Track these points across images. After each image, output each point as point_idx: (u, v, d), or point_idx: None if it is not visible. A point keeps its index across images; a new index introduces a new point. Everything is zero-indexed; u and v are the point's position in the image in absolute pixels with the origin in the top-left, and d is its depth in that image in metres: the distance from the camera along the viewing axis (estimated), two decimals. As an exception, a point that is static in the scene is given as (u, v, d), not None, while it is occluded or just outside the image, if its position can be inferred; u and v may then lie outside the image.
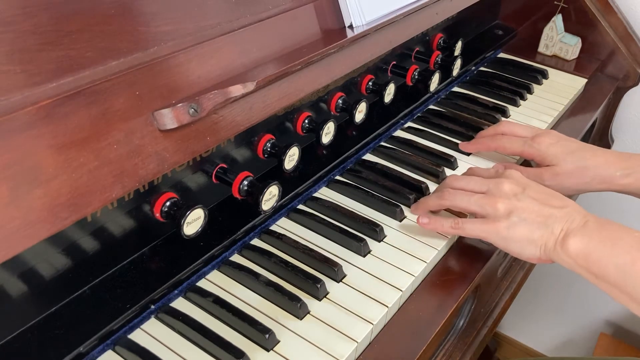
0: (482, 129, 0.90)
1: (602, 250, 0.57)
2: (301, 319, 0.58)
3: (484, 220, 0.64)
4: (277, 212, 0.70)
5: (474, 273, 0.67)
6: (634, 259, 0.55)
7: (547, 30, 1.19)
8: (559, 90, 1.07)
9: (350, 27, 0.70)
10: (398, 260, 0.66)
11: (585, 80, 1.11)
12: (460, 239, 0.72)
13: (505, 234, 0.62)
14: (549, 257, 0.62)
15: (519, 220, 0.62)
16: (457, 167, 0.83)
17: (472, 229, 0.65)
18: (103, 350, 0.54)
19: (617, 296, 0.57)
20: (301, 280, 0.61)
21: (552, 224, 0.61)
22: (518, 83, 1.07)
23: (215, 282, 0.62)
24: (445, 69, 0.96)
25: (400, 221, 0.72)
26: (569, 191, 0.76)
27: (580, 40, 1.18)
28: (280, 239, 0.67)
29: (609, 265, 0.56)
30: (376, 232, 0.68)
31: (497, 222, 0.63)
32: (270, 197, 0.63)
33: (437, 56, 0.96)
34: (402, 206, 0.73)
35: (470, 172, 0.73)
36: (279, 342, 0.56)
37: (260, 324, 0.56)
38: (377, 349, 0.58)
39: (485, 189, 0.66)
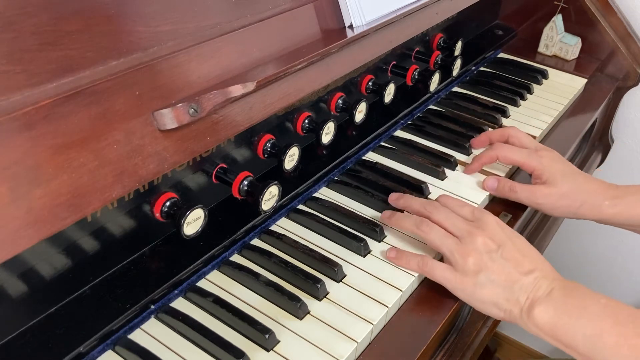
0: (482, 129, 0.90)
1: (569, 320, 0.56)
2: (301, 319, 0.58)
3: (452, 270, 0.62)
4: (277, 212, 0.70)
5: (474, 273, 0.67)
6: (602, 330, 0.54)
7: (547, 30, 1.19)
8: (559, 90, 1.07)
9: (350, 27, 0.70)
10: (398, 260, 0.66)
11: (585, 80, 1.11)
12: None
13: (470, 291, 0.61)
14: (514, 322, 0.60)
15: (487, 280, 0.60)
16: (458, 166, 0.83)
17: (439, 276, 0.63)
18: (103, 350, 0.54)
19: None
20: (301, 280, 0.61)
21: (517, 291, 0.59)
22: (518, 83, 1.07)
23: (215, 282, 0.62)
24: (445, 69, 0.96)
25: (400, 221, 0.72)
26: (559, 213, 0.76)
27: (580, 40, 1.18)
28: (280, 239, 0.67)
29: (577, 335, 0.55)
30: (376, 232, 0.68)
31: (465, 277, 0.61)
32: (270, 197, 0.63)
33: (437, 56, 0.96)
34: (402, 206, 0.73)
35: (442, 200, 0.69)
36: (279, 342, 0.56)
37: (260, 324, 0.56)
38: (377, 349, 0.58)
39: (458, 235, 0.63)
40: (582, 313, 0.56)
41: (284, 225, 0.70)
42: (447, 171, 0.82)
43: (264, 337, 0.55)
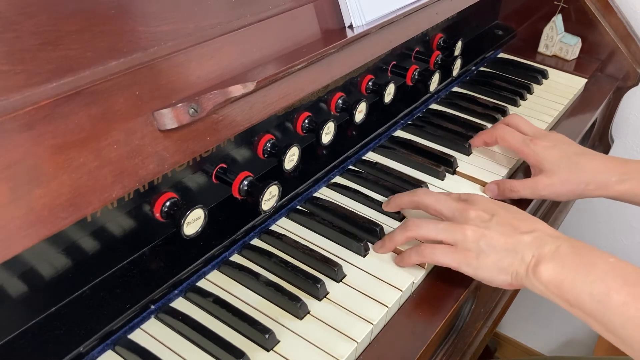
0: (482, 129, 0.90)
1: (576, 278, 0.54)
2: (301, 319, 0.58)
3: (453, 249, 0.62)
4: (277, 212, 0.70)
5: (474, 273, 0.67)
6: (609, 289, 0.53)
7: (547, 30, 1.19)
8: (559, 90, 1.07)
9: (350, 27, 0.70)
10: (398, 260, 0.66)
11: (585, 80, 1.11)
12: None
13: (475, 263, 0.60)
14: (521, 284, 0.60)
15: (488, 248, 0.60)
16: (457, 166, 0.83)
17: (441, 257, 0.62)
18: (103, 350, 0.54)
19: (592, 325, 0.55)
20: (301, 280, 0.61)
21: (522, 251, 0.58)
22: (518, 83, 1.07)
23: (215, 282, 0.62)
24: (445, 69, 0.96)
25: (401, 221, 0.72)
26: (565, 198, 0.76)
27: (580, 40, 1.18)
28: (280, 239, 0.67)
29: (583, 294, 0.54)
30: (376, 232, 0.68)
31: (467, 251, 0.61)
32: (270, 197, 0.63)
33: (437, 56, 0.96)
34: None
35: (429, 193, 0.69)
36: (279, 342, 0.56)
37: (260, 324, 0.56)
38: (377, 349, 0.58)
39: (450, 215, 0.63)
40: (591, 271, 0.54)
41: (284, 225, 0.70)
42: (447, 171, 0.82)
43: (264, 337, 0.55)
